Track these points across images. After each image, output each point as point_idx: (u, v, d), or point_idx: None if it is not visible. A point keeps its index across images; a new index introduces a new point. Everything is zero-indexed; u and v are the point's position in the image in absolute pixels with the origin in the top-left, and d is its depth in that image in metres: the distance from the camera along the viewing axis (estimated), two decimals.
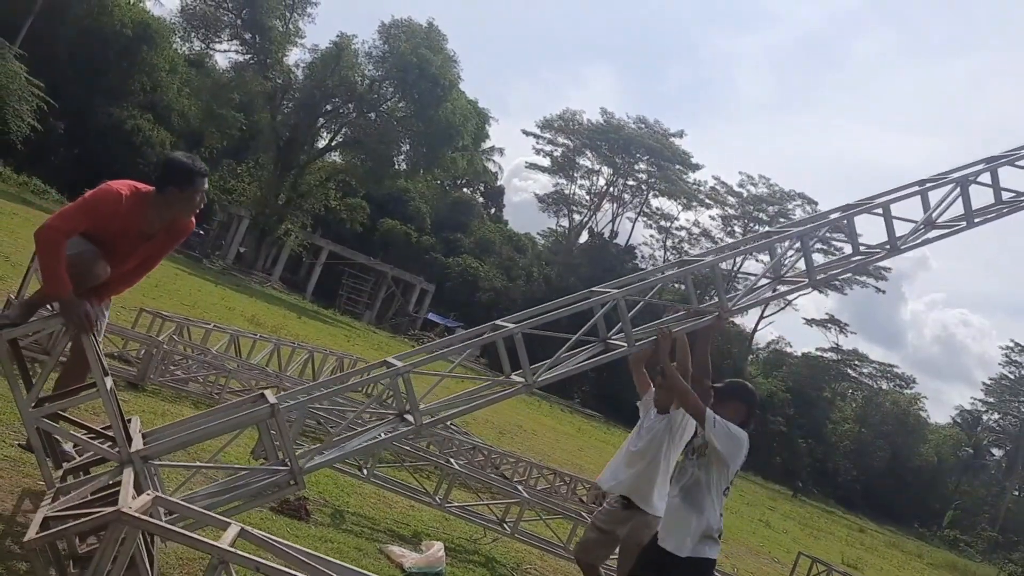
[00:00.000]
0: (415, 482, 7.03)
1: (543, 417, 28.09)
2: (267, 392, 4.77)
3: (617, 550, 5.18)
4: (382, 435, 4.79)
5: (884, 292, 65.55)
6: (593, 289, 5.40)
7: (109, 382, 4.04)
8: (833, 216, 5.98)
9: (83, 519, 3.18)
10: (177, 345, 8.62)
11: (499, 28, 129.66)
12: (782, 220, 63.05)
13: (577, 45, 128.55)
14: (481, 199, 69.88)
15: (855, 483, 65.09)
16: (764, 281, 5.90)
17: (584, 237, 64.22)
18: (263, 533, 2.99)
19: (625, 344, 5.25)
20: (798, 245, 5.62)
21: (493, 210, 70.78)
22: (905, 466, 66.74)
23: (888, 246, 5.74)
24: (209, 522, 3.32)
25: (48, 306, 4.44)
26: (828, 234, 6.06)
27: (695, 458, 4.46)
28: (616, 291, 5.19)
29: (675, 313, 5.41)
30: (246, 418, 4.37)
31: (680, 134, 62.73)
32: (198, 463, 5.07)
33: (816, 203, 62.20)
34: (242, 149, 52.73)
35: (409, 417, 4.80)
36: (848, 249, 6.06)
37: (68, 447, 4.40)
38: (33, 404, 4.01)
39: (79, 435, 4.17)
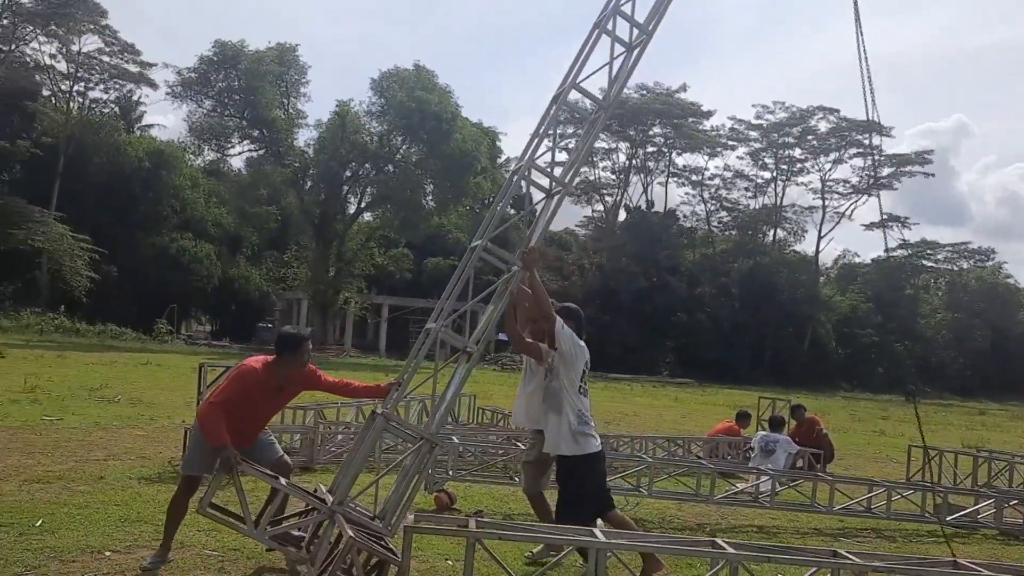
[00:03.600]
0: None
1: (637, 398, 28.72)
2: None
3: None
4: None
5: (933, 175, 64.41)
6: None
7: (284, 481, 5.23)
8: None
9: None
10: (321, 427, 9.64)
11: (466, 30, 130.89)
12: (809, 138, 62.67)
13: (550, 29, 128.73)
14: (512, 210, 70.63)
15: (965, 369, 63.79)
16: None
17: (622, 215, 64.64)
18: (491, 520, 3.86)
19: (515, 265, 5.45)
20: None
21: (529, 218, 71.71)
22: (1008, 337, 65.09)
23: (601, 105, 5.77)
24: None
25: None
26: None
27: (549, 375, 5.48)
28: (477, 242, 5.50)
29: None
30: (408, 461, 5.27)
31: (683, 88, 62.87)
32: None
33: (837, 110, 61.61)
34: (280, 237, 54.71)
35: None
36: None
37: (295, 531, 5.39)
38: (256, 526, 5.06)
39: (295, 521, 5.37)
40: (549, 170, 5.82)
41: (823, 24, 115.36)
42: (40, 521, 5.90)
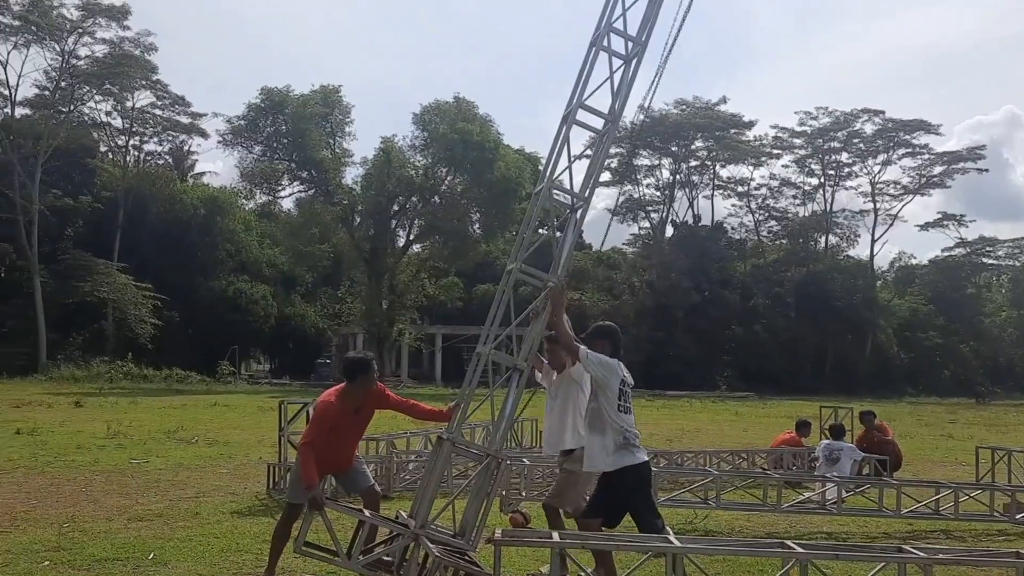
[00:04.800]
0: None
1: (697, 414, 28.65)
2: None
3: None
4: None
5: (987, 171, 63.00)
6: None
7: (367, 512, 5.73)
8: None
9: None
10: (395, 456, 10.08)
11: (503, 58, 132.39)
12: (855, 141, 61.97)
13: (583, 50, 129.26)
14: (559, 233, 70.97)
15: None
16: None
17: (669, 231, 64.52)
18: (574, 531, 4.18)
19: (550, 280, 5.77)
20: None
21: None
22: None
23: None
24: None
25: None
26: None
27: (590, 397, 5.70)
28: (511, 265, 5.79)
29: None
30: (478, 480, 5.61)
31: (723, 100, 62.76)
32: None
33: (882, 111, 60.90)
34: (333, 274, 55.92)
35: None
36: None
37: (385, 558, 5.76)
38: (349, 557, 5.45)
39: (383, 548, 5.73)
40: (569, 188, 6.10)
41: (858, 25, 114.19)
42: (152, 555, 6.39)
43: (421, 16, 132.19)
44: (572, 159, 6.11)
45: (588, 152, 6.17)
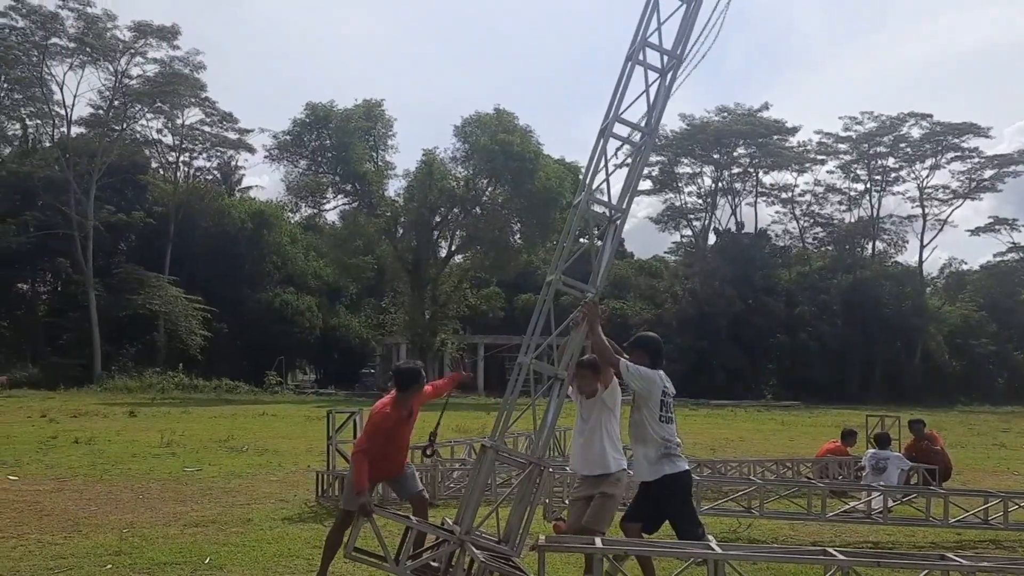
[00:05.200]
0: None
1: (742, 423, 28.39)
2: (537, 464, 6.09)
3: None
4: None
5: None
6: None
7: (414, 519, 5.83)
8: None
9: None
10: (439, 464, 10.26)
11: (541, 68, 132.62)
12: (902, 145, 60.89)
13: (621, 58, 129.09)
14: (599, 242, 70.86)
15: None
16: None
17: (712, 239, 64.02)
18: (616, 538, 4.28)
19: (589, 291, 5.85)
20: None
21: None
22: None
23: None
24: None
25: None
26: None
27: (632, 409, 5.78)
28: (551, 277, 5.90)
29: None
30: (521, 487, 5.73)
31: (766, 107, 62.09)
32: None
33: (930, 115, 59.74)
34: (376, 285, 56.53)
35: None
36: None
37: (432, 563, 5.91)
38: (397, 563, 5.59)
39: (430, 554, 5.80)
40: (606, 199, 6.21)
41: (902, 30, 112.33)
42: (208, 559, 6.64)
43: (462, 31, 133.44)
44: (610, 170, 6.23)
45: (627, 162, 6.29)
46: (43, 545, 7.18)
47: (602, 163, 6.12)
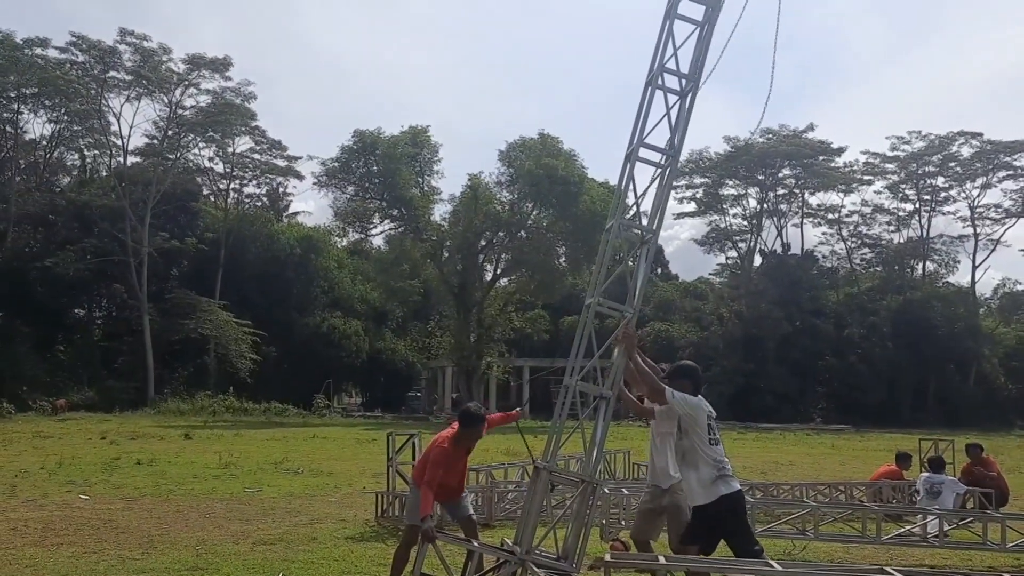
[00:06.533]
0: None
1: (792, 447, 28.08)
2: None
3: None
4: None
5: None
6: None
7: (476, 542, 6.20)
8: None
9: None
10: (494, 486, 10.49)
11: (585, 92, 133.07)
12: (952, 164, 59.91)
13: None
14: (631, 262, 70.75)
15: None
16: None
17: (757, 260, 63.53)
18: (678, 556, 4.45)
19: (627, 311, 6.04)
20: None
21: (659, 270, 71.51)
22: None
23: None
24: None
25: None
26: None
27: (679, 435, 5.92)
28: (590, 300, 6.18)
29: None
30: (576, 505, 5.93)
31: (811, 127, 61.74)
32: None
33: (980, 133, 58.76)
34: (422, 309, 57.15)
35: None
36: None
37: None
38: None
39: (492, 575, 6.05)
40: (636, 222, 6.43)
41: (950, 49, 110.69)
42: (279, 574, 6.92)
43: (505, 57, 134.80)
44: (639, 194, 6.47)
45: (654, 182, 6.51)
46: (124, 560, 7.55)
47: (630, 187, 6.35)
